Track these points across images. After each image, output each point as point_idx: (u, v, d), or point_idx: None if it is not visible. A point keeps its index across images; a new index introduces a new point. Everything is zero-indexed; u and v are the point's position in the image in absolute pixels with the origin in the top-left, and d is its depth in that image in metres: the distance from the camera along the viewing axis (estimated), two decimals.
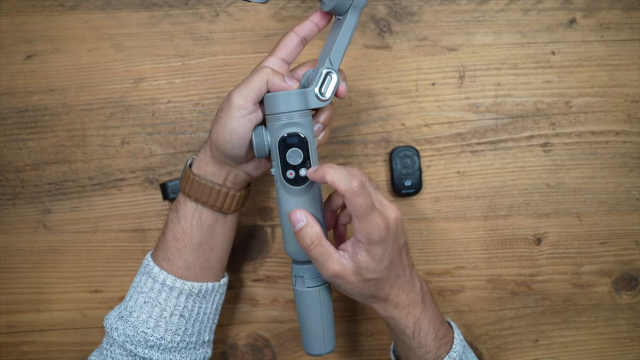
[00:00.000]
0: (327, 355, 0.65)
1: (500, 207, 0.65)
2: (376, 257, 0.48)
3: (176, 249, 0.53)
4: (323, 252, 0.48)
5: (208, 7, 0.64)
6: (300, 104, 0.48)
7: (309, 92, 0.48)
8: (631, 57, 0.65)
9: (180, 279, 0.52)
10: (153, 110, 0.65)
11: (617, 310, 0.66)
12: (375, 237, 0.47)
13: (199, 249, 0.53)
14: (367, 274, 0.48)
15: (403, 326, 0.51)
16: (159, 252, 0.54)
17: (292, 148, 0.48)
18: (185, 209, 0.53)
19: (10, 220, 0.65)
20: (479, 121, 0.65)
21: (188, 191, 0.52)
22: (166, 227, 0.54)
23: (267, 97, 0.49)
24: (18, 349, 0.65)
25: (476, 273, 0.65)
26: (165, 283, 0.52)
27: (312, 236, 0.48)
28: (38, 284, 0.65)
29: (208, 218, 0.53)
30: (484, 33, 0.65)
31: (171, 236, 0.53)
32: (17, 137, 0.64)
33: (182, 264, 0.53)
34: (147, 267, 0.54)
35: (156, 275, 0.53)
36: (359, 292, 0.50)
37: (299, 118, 0.48)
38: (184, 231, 0.53)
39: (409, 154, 0.63)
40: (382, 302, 0.51)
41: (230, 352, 0.65)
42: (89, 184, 0.65)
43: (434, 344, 0.52)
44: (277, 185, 0.51)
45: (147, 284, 0.53)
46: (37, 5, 0.64)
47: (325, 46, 0.51)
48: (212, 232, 0.54)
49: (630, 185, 0.65)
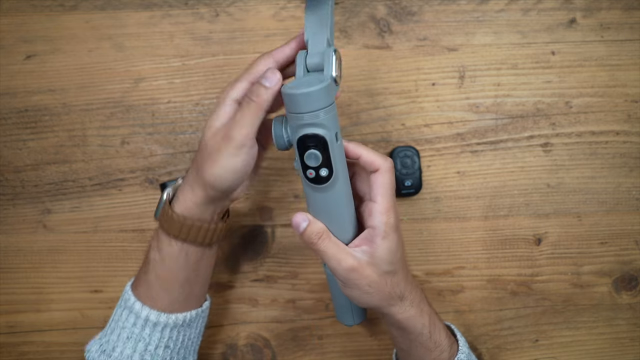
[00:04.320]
0: (328, 355, 0.65)
1: (500, 207, 0.65)
2: (392, 246, 0.47)
3: (161, 289, 0.50)
4: (332, 246, 0.47)
5: (208, 7, 0.64)
6: (326, 100, 0.43)
7: (329, 81, 0.43)
8: (631, 57, 0.65)
9: (165, 313, 0.50)
10: (153, 110, 0.65)
11: (617, 310, 0.66)
12: (392, 221, 0.46)
13: (184, 285, 0.51)
14: (383, 265, 0.47)
15: (420, 326, 0.50)
16: (140, 289, 0.51)
17: (310, 150, 0.45)
18: (170, 249, 0.49)
19: (10, 220, 0.65)
20: (479, 121, 0.65)
21: (174, 233, 0.49)
22: (148, 266, 0.51)
23: (289, 96, 0.43)
24: (18, 349, 0.65)
25: (476, 273, 0.65)
26: (149, 319, 0.50)
27: (317, 231, 0.47)
28: (38, 284, 0.65)
29: (195, 254, 0.51)
30: (484, 33, 0.65)
31: (154, 276, 0.50)
32: (17, 137, 0.64)
33: (167, 301, 0.51)
34: (129, 303, 0.51)
35: (139, 312, 0.50)
36: (376, 289, 0.47)
37: (323, 115, 0.44)
38: (169, 270, 0.50)
39: (409, 154, 0.63)
40: (399, 302, 0.49)
41: (230, 352, 0.65)
42: (89, 184, 0.65)
43: (447, 342, 0.51)
44: (302, 180, 0.48)
45: (130, 320, 0.51)
46: (37, 5, 0.64)
47: (310, 27, 0.46)
48: (198, 266, 0.52)
49: (630, 185, 0.65)
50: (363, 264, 0.47)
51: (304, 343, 0.66)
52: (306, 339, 0.66)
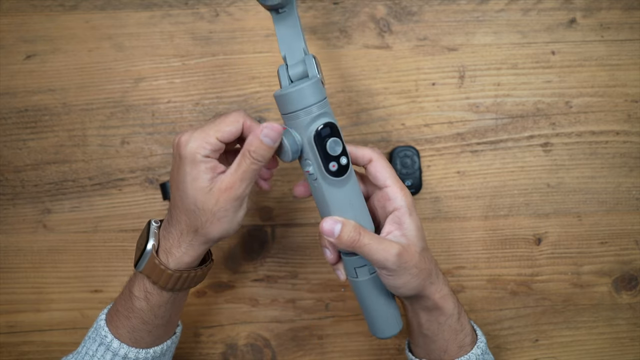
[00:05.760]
0: (328, 355, 0.65)
1: (500, 207, 0.65)
2: (418, 222, 0.47)
3: (146, 331, 0.50)
4: (373, 238, 0.46)
5: (208, 7, 0.64)
6: (323, 92, 0.46)
7: (318, 76, 0.46)
8: (631, 57, 0.65)
9: (143, 349, 0.50)
10: (153, 110, 0.65)
11: (617, 310, 0.66)
12: (411, 199, 0.47)
13: (168, 324, 0.51)
14: (418, 242, 0.47)
15: (452, 305, 0.49)
16: (121, 331, 0.50)
17: (330, 139, 0.45)
18: (159, 298, 0.49)
19: (10, 220, 0.65)
20: (479, 121, 0.65)
21: (170, 287, 0.48)
22: (132, 313, 0.49)
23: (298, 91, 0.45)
24: (18, 349, 0.65)
25: (476, 273, 0.65)
26: (127, 356, 0.50)
27: (355, 228, 0.46)
28: (38, 284, 0.65)
29: (182, 295, 0.51)
30: (484, 33, 0.65)
31: (140, 322, 0.49)
32: (17, 137, 0.64)
33: (149, 340, 0.51)
34: (105, 340, 0.50)
35: (116, 350, 0.49)
36: (420, 268, 0.47)
37: (327, 105, 0.46)
38: (156, 316, 0.49)
39: (409, 154, 0.63)
40: (436, 279, 0.49)
41: (230, 352, 0.65)
42: (89, 184, 0.65)
43: (469, 326, 0.51)
44: (318, 184, 0.47)
45: (107, 357, 0.50)
46: (37, 5, 0.64)
47: (283, 40, 0.48)
48: (182, 302, 0.52)
49: (630, 185, 0.65)
50: (406, 246, 0.46)
51: (304, 343, 0.66)
52: (306, 339, 0.66)
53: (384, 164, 0.48)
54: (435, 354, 0.51)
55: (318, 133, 0.45)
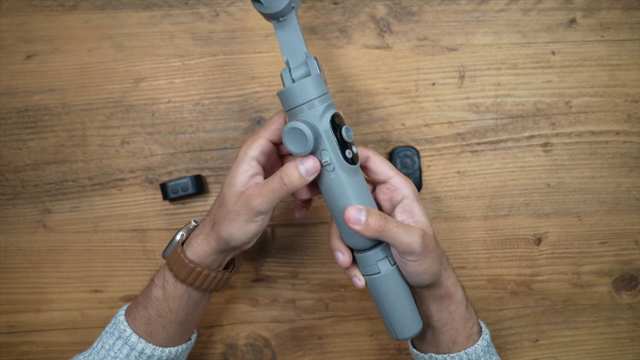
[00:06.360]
0: (328, 355, 0.65)
1: (500, 207, 0.65)
2: (423, 208, 0.49)
3: (160, 325, 0.51)
4: (399, 224, 0.46)
5: (208, 7, 0.64)
6: (326, 87, 0.48)
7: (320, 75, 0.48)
8: (631, 57, 0.65)
9: (159, 347, 0.52)
10: (153, 110, 0.65)
11: (617, 310, 0.66)
12: (413, 185, 0.49)
13: (183, 323, 0.52)
14: (429, 228, 0.48)
15: (461, 292, 0.51)
16: (138, 323, 0.52)
17: (345, 125, 0.47)
18: (175, 290, 0.51)
19: (10, 220, 0.65)
20: (479, 121, 0.65)
21: (182, 277, 0.50)
22: (149, 302, 0.51)
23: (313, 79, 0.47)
24: (18, 349, 0.65)
25: (476, 273, 0.65)
26: (144, 352, 0.51)
27: (380, 214, 0.46)
28: (38, 284, 0.65)
29: (196, 297, 0.52)
30: (484, 33, 0.65)
31: (155, 313, 0.51)
32: (17, 137, 0.64)
33: (164, 337, 0.52)
34: (124, 334, 0.51)
35: (134, 344, 0.51)
36: (438, 253, 0.48)
37: (331, 100, 0.48)
38: (170, 310, 0.51)
39: (409, 154, 0.63)
40: (447, 265, 0.50)
41: (230, 352, 0.65)
42: (89, 184, 0.65)
43: (475, 315, 0.52)
44: (335, 174, 0.47)
45: (123, 351, 0.51)
46: (37, 5, 0.64)
47: (286, 46, 0.50)
48: (197, 306, 0.53)
49: (630, 185, 0.65)
50: (424, 231, 0.47)
51: (304, 343, 0.66)
52: (306, 339, 0.66)
53: (381, 158, 0.50)
54: (444, 345, 0.51)
55: (333, 120, 0.47)
